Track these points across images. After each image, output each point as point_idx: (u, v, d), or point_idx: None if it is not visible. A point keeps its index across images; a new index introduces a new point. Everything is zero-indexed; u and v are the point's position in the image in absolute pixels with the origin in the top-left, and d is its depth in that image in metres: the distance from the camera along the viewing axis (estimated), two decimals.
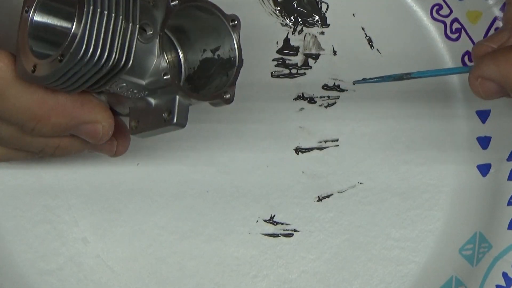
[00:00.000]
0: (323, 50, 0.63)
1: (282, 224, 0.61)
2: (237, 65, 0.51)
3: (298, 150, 0.62)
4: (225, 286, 0.60)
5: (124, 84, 0.49)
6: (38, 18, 0.50)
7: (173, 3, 0.49)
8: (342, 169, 0.62)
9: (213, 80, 0.52)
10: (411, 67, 0.62)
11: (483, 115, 0.61)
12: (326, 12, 0.63)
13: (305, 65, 0.63)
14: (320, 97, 0.62)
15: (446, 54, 0.62)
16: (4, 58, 0.49)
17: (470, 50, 0.61)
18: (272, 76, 0.62)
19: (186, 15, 0.51)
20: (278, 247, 0.61)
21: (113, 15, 0.47)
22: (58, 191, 0.60)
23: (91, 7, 0.46)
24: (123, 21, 0.47)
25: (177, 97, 0.49)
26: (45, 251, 0.60)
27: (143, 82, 0.50)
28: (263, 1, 0.63)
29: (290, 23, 0.63)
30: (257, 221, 0.61)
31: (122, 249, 0.60)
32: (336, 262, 0.61)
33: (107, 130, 0.51)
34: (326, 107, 0.62)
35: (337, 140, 0.62)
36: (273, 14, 0.63)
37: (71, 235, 0.60)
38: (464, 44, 0.62)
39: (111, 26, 0.47)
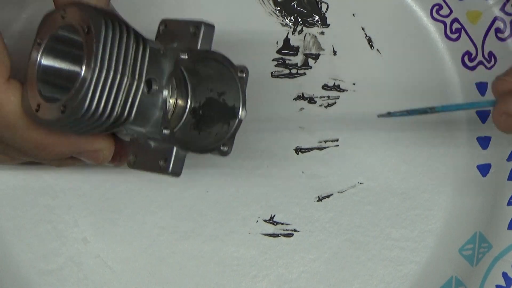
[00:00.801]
0: (323, 50, 0.63)
1: (282, 224, 0.61)
2: (239, 117, 0.51)
3: (298, 150, 0.62)
4: (225, 286, 0.60)
5: (124, 131, 0.50)
6: (46, 62, 0.50)
7: (182, 56, 0.49)
8: (342, 169, 0.62)
9: (215, 124, 0.52)
10: (411, 67, 0.62)
11: (483, 116, 0.61)
12: (326, 12, 0.63)
13: (305, 65, 0.63)
14: (320, 97, 0.62)
15: (446, 54, 0.62)
16: (16, 91, 0.49)
17: (470, 50, 0.61)
18: (272, 76, 0.62)
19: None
20: (278, 247, 0.61)
21: (119, 73, 0.47)
22: (58, 191, 0.60)
23: (97, 67, 0.46)
24: (129, 78, 0.47)
25: (174, 148, 0.50)
26: (45, 251, 0.60)
27: (143, 130, 0.50)
28: (263, 1, 0.63)
29: (290, 23, 0.63)
30: (257, 221, 0.61)
31: (122, 249, 0.60)
32: (336, 262, 0.61)
33: (108, 156, 0.53)
34: (326, 107, 0.62)
35: (337, 140, 0.62)
36: (273, 14, 0.63)
37: (71, 235, 0.60)
38: (464, 44, 0.62)
39: (116, 84, 0.47)
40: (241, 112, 0.51)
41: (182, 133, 0.52)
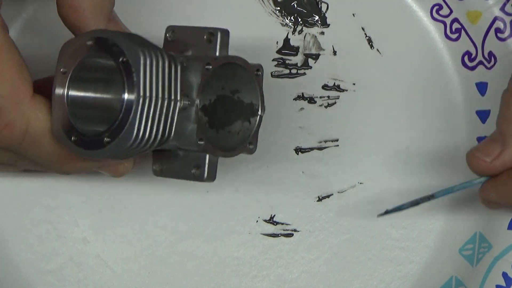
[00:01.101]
0: (323, 50, 0.63)
1: (282, 224, 0.61)
2: (259, 113, 0.52)
3: (298, 150, 0.62)
4: (225, 286, 0.60)
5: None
6: (74, 92, 0.50)
7: (207, 66, 0.49)
8: (342, 169, 0.62)
9: (233, 122, 0.53)
10: (411, 67, 0.62)
11: (483, 115, 0.61)
12: (326, 12, 0.63)
13: (305, 65, 0.63)
14: (320, 97, 0.62)
15: (446, 54, 0.62)
16: (43, 108, 0.50)
17: (470, 50, 0.61)
18: (272, 76, 0.62)
19: None
20: (278, 247, 0.61)
21: (160, 98, 0.47)
22: (58, 191, 0.60)
23: (141, 96, 0.46)
24: (167, 99, 0.48)
25: (207, 155, 0.50)
26: (45, 251, 0.60)
27: (177, 144, 0.50)
28: (263, 1, 0.63)
29: (290, 23, 0.63)
30: (257, 221, 0.61)
31: (122, 249, 0.60)
32: (336, 262, 0.61)
33: (128, 168, 0.53)
34: (326, 107, 0.62)
35: (337, 140, 0.62)
36: (273, 14, 0.63)
37: (71, 235, 0.60)
38: (464, 44, 0.61)
39: (158, 109, 0.47)
40: (260, 108, 0.51)
41: (200, 132, 0.51)
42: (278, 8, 0.63)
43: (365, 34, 0.63)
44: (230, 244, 0.61)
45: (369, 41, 0.63)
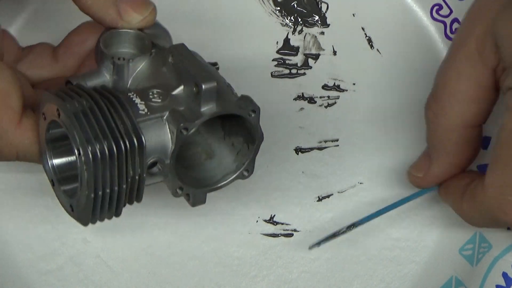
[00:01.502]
0: (323, 50, 0.63)
1: (282, 224, 0.61)
2: (256, 142, 0.51)
3: (298, 150, 0.62)
4: (225, 286, 0.60)
5: None
6: (56, 161, 0.51)
7: (183, 130, 0.48)
8: (342, 169, 0.62)
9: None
10: (411, 67, 0.62)
11: None
12: (326, 12, 0.63)
13: (305, 65, 0.63)
14: (320, 97, 0.62)
15: None
16: (30, 134, 0.50)
17: None
18: (272, 76, 0.62)
19: None
20: (278, 247, 0.61)
21: (117, 188, 0.48)
22: None
23: (99, 192, 0.47)
24: (131, 176, 0.48)
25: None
26: (45, 251, 0.60)
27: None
28: (263, 1, 0.63)
29: (290, 23, 0.63)
30: (257, 221, 0.61)
31: (122, 249, 0.60)
32: (336, 262, 0.61)
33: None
34: (326, 107, 0.62)
35: (337, 140, 0.62)
36: (273, 14, 0.63)
37: (71, 235, 0.60)
38: None
39: (117, 186, 0.48)
40: (257, 137, 0.51)
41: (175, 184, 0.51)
42: (278, 8, 0.63)
43: (365, 34, 0.63)
44: (230, 244, 0.61)
45: (369, 41, 0.63)
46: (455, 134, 0.54)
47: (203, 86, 0.47)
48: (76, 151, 0.46)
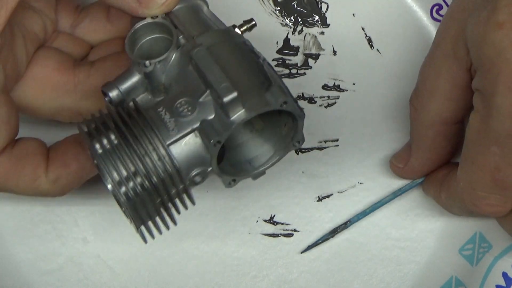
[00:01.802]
0: (323, 50, 0.63)
1: (282, 224, 0.61)
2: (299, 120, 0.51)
3: (298, 150, 0.62)
4: (225, 286, 0.60)
5: None
6: None
7: (215, 145, 0.48)
8: (342, 169, 0.62)
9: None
10: (411, 67, 0.62)
11: None
12: (326, 12, 0.63)
13: (305, 65, 0.63)
14: (320, 97, 0.62)
15: None
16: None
17: None
18: None
19: None
20: (278, 247, 0.61)
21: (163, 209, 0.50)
22: None
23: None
24: (174, 192, 0.49)
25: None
26: (45, 251, 0.60)
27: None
28: (263, 1, 0.63)
29: (290, 23, 0.63)
30: (257, 221, 0.61)
31: (122, 249, 0.60)
32: (336, 262, 0.61)
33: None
34: (326, 107, 0.62)
35: (337, 140, 0.62)
36: (273, 14, 0.63)
37: (71, 235, 0.60)
38: None
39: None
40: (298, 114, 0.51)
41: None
42: (278, 8, 0.63)
43: (365, 34, 0.63)
44: (230, 244, 0.61)
45: (369, 41, 0.63)
46: (433, 130, 0.56)
47: (224, 100, 0.47)
48: (111, 193, 0.47)
